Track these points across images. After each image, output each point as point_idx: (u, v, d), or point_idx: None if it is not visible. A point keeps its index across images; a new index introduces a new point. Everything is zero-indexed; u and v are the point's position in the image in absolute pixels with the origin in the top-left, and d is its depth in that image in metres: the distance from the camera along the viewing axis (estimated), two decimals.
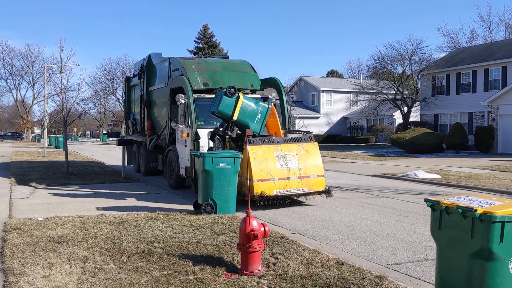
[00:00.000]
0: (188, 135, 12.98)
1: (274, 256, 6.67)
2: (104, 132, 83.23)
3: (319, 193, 11.43)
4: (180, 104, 12.73)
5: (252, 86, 14.44)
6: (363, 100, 44.41)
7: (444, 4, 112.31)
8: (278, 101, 14.46)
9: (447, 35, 68.56)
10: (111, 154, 33.75)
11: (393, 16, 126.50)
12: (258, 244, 5.95)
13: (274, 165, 10.95)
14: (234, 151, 10.19)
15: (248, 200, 6.36)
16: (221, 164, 9.61)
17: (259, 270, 5.96)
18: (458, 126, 30.36)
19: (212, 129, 12.32)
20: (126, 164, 19.45)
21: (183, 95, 12.85)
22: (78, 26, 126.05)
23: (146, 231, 8.20)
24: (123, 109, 72.78)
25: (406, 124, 37.03)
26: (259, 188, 10.62)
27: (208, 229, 8.33)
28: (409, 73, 38.26)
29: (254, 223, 5.95)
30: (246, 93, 13.92)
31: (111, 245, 7.22)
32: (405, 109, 37.97)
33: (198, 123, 12.96)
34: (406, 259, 6.91)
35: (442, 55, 45.23)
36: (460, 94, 34.59)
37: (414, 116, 41.21)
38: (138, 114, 18.96)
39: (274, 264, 6.29)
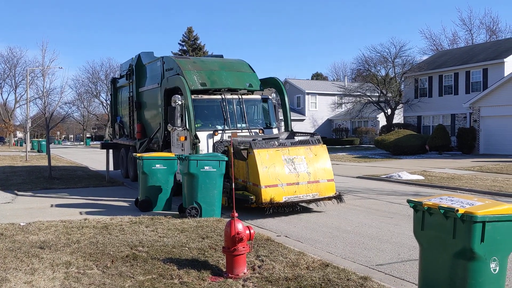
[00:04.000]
0: (185, 138, 12.30)
1: (260, 258, 6.67)
2: (87, 135, 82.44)
3: (330, 198, 10.74)
4: (177, 105, 12.14)
5: (251, 86, 13.77)
6: (347, 103, 44.68)
7: (427, 8, 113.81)
8: (276, 102, 14.06)
9: (429, 38, 69.53)
10: (95, 158, 33.44)
11: (377, 19, 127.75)
12: (243, 247, 5.95)
13: (283, 170, 10.28)
14: (219, 154, 10.20)
15: (233, 202, 6.35)
16: (206, 167, 9.60)
17: (244, 273, 5.96)
18: (441, 128, 30.74)
19: (211, 132, 12.13)
20: (113, 169, 19.26)
21: (179, 96, 12.23)
22: (61, 29, 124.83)
23: (130, 235, 8.14)
24: (107, 112, 72.51)
25: (389, 126, 37.36)
26: (267, 194, 9.95)
27: (193, 232, 8.29)
28: (392, 76, 38.61)
29: (239, 226, 5.95)
30: (245, 94, 13.53)
31: (94, 249, 7.15)
32: (389, 111, 38.32)
33: (196, 125, 12.36)
34: (391, 260, 6.97)
35: (425, 57, 45.78)
36: (442, 96, 35.02)
37: (398, 118, 41.61)
38: (126, 117, 18.19)
39: (259, 267, 6.29)
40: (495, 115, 29.32)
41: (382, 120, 44.75)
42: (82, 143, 79.75)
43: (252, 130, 12.90)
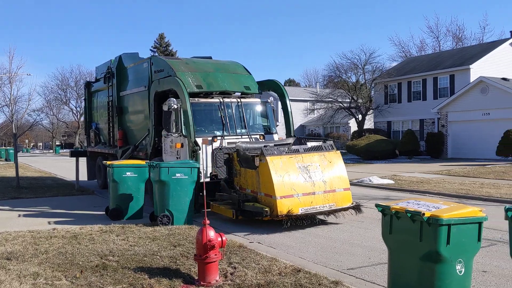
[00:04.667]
0: (182, 145, 11.42)
1: (232, 265, 6.65)
2: (57, 143, 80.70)
3: (347, 209, 9.98)
4: (173, 109, 11.38)
5: (248, 89, 13.04)
6: (319, 109, 45.12)
7: (395, 15, 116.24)
8: (273, 106, 13.43)
9: (398, 45, 71.10)
10: (65, 166, 32.76)
11: (348, 27, 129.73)
12: (215, 254, 5.93)
13: (298, 179, 9.48)
14: (191, 161, 10.14)
15: (205, 209, 6.31)
16: (177, 175, 9.55)
17: (216, 281, 5.94)
18: (410, 133, 31.36)
19: (210, 138, 11.43)
20: (87, 179, 18.71)
21: (175, 99, 11.42)
22: (28, 35, 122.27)
23: (100, 244, 8.01)
24: (77, 120, 71.33)
25: (361, 132, 37.89)
26: (284, 206, 9.11)
27: (164, 240, 8.22)
28: (362, 82, 39.23)
29: (211, 234, 5.93)
30: (243, 97, 12.87)
31: (63, 260, 7.01)
32: (360, 117, 38.87)
33: (183, 130, 11.61)
34: (362, 264, 7.05)
35: (394, 64, 46.67)
36: (411, 102, 35.74)
37: (369, 124, 42.25)
38: (104, 123, 17.05)
39: (231, 274, 6.28)
40: (462, 120, 30.09)
41: (353, 125, 45.37)
42: (52, 151, 78.05)
43: (252, 136, 12.23)
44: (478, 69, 31.11)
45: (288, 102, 13.26)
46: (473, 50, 35.79)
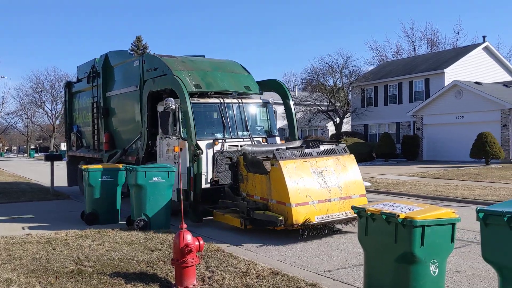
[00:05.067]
0: (181, 149, 10.47)
1: (210, 269, 6.63)
2: (32, 147, 79.22)
3: None
4: (171, 110, 10.65)
5: (249, 89, 12.31)
6: (298, 112, 45.33)
7: (372, 20, 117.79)
8: (274, 107, 12.78)
9: (374, 49, 71.99)
10: (40, 170, 32.16)
11: (325, 31, 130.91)
12: (193, 259, 5.90)
13: (313, 184, 8.83)
14: (168, 164, 10.05)
15: (182, 213, 6.28)
16: (154, 178, 9.48)
17: (194, 285, 5.91)
18: (387, 136, 31.81)
19: (211, 141, 10.74)
20: (68, 185, 18.19)
21: (172, 99, 10.58)
22: (3, 38, 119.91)
23: (75, 249, 7.88)
24: (52, 123, 70.04)
25: (338, 135, 38.24)
26: (300, 215, 8.43)
27: (141, 245, 8.14)
28: (340, 86, 39.60)
29: (188, 238, 5.90)
30: (244, 97, 12.21)
31: (37, 266, 6.88)
32: (337, 120, 39.23)
33: (182, 132, 10.88)
34: (339, 266, 7.11)
35: (371, 68, 47.28)
36: (387, 105, 36.24)
37: (346, 127, 42.65)
38: (87, 125, 16.19)
39: (209, 278, 6.26)
40: (437, 123, 30.64)
41: (331, 128, 45.74)
42: (26, 155, 76.57)
43: (254, 139, 11.63)
44: (452, 73, 31.76)
45: (291, 103, 12.64)
46: (447, 54, 36.53)
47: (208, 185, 10.61)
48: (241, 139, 11.38)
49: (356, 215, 8.38)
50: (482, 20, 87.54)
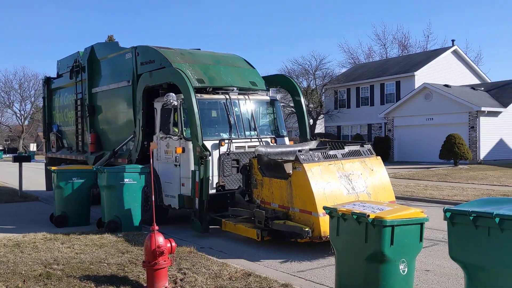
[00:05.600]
0: (183, 150, 9.69)
1: (182, 271, 6.58)
2: (0, 148, 77.24)
3: None
4: (172, 106, 9.74)
5: (255, 84, 11.24)
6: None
7: (344, 22, 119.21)
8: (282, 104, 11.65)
9: (347, 51, 73.03)
10: (8, 172, 31.36)
11: (299, 33, 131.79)
12: (165, 261, 5.85)
13: (340, 190, 7.90)
14: (139, 166, 9.92)
15: (154, 214, 6.22)
16: (126, 180, 9.36)
17: (165, 287, 5.85)
18: (359, 137, 32.26)
19: (217, 141, 9.78)
20: (46, 189, 17.40)
21: (174, 95, 9.65)
22: None
23: (44, 252, 7.71)
24: (20, 123, 68.42)
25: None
26: (328, 225, 6.25)
27: (112, 247, 8.02)
28: (313, 87, 39.96)
29: (160, 240, 5.85)
30: (251, 94, 11.26)
31: (5, 269, 6.69)
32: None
33: (185, 131, 9.89)
34: (312, 266, 7.16)
35: (343, 70, 47.83)
36: (359, 107, 36.75)
37: (319, 128, 43.05)
38: (69, 125, 14.99)
39: (181, 280, 6.21)
40: (407, 125, 31.22)
41: None
42: None
43: (262, 139, 10.73)
44: (422, 76, 32.44)
45: (303, 100, 11.77)
46: (417, 57, 37.28)
47: (213, 191, 9.60)
48: (249, 140, 10.49)
49: None
50: (451, 24, 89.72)
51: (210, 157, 9.19)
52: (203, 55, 11.48)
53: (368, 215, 4.49)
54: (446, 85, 30.44)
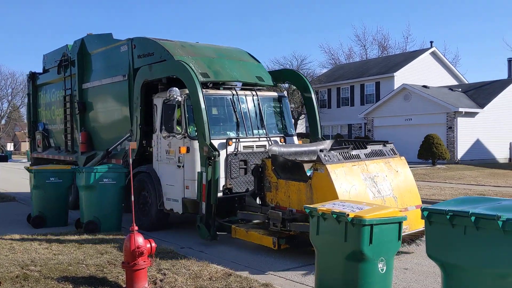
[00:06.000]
0: (188, 149, 8.99)
1: (162, 272, 6.54)
2: None
3: (423, 233, 6.89)
4: (176, 102, 8.88)
5: (261, 79, 10.53)
6: None
7: (325, 23, 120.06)
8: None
9: (328, 52, 73.58)
10: None
11: (280, 33, 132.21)
12: (144, 261, 5.81)
13: (366, 194, 7.26)
14: (118, 165, 9.82)
15: (133, 215, 6.17)
16: (105, 180, 9.26)
17: None
18: (339, 137, 32.50)
19: (224, 140, 9.07)
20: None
21: (177, 89, 8.92)
22: None
23: (21, 254, 7.57)
24: None
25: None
26: None
27: (90, 248, 7.93)
28: (294, 88, 40.14)
29: (140, 240, 5.80)
30: (259, 90, 10.54)
31: None
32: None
33: (190, 129, 9.11)
34: (292, 265, 7.18)
35: (324, 71, 48.14)
36: (340, 108, 37.05)
37: (301, 128, 43.21)
38: (57, 123, 14.24)
39: (161, 281, 6.17)
40: (387, 125, 31.60)
41: None
42: None
43: (271, 138, 10.02)
44: (402, 77, 32.87)
45: (314, 97, 10.97)
46: (397, 58, 37.76)
47: (220, 194, 8.84)
48: (257, 139, 9.79)
49: (419, 230, 7.43)
50: (430, 26, 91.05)
51: (219, 158, 8.50)
52: (205, 48, 10.75)
53: (348, 214, 4.53)
54: (424, 86, 30.89)
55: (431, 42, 37.03)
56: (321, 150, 7.77)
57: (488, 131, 29.78)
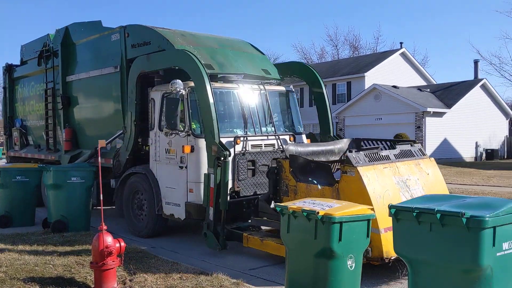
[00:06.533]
0: (192, 148, 8.11)
1: (131, 272, 6.47)
2: None
3: None
4: (180, 96, 8.07)
5: (268, 73, 9.80)
6: None
7: (298, 23, 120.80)
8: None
9: (300, 51, 74.23)
10: None
11: (251, 31, 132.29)
12: (113, 261, 5.73)
13: (399, 199, 6.48)
14: (86, 164, 9.65)
15: (102, 214, 6.07)
16: (73, 178, 9.09)
17: None
18: (311, 136, 32.44)
19: (231, 138, 8.18)
20: None
21: (180, 82, 8.08)
22: None
23: None
24: None
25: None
26: (390, 244, 4.84)
27: (58, 248, 7.76)
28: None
29: (109, 239, 5.72)
30: (266, 83, 9.73)
31: None
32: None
33: (193, 126, 8.29)
34: (263, 264, 7.20)
35: None
36: (312, 107, 37.26)
37: None
38: (36, 119, 13.20)
39: (130, 280, 6.11)
40: (358, 124, 32.04)
41: None
42: None
43: (280, 137, 9.20)
44: (372, 77, 33.36)
45: (325, 92, 10.35)
46: (367, 59, 38.31)
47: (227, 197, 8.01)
48: (265, 137, 8.97)
49: None
50: (400, 27, 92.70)
51: (229, 158, 7.64)
52: (206, 38, 9.88)
53: (318, 212, 4.57)
54: (394, 86, 31.45)
55: (401, 43, 37.70)
56: (349, 151, 6.95)
57: (455, 130, 30.56)
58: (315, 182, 6.84)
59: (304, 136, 10.14)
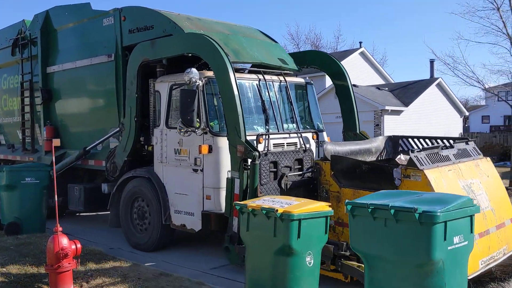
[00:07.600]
0: (210, 149, 7.03)
1: (88, 273, 6.34)
2: None
3: None
4: (194, 86, 6.94)
5: (285, 63, 8.58)
6: None
7: (259, 20, 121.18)
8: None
9: None
10: None
11: None
12: (69, 263, 5.60)
13: None
14: (42, 164, 9.36)
15: (57, 215, 5.89)
16: (27, 179, 8.81)
17: None
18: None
19: (254, 137, 7.06)
20: None
21: (196, 71, 6.99)
22: None
23: None
24: None
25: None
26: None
27: (12, 251, 7.52)
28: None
29: (64, 241, 5.59)
30: (286, 75, 8.51)
31: None
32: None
33: (211, 124, 7.23)
34: (225, 263, 7.18)
35: None
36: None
37: None
38: (11, 115, 11.73)
39: (87, 282, 6.00)
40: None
41: None
42: None
43: (302, 134, 8.12)
44: None
45: (350, 85, 9.46)
46: None
47: None
48: (287, 135, 7.89)
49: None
50: (359, 27, 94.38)
51: (259, 159, 6.51)
52: (215, 23, 8.67)
53: (277, 210, 4.61)
54: (354, 85, 31.66)
55: (360, 42, 38.35)
56: (411, 151, 6.07)
57: (412, 128, 31.39)
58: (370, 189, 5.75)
59: (325, 133, 9.07)
